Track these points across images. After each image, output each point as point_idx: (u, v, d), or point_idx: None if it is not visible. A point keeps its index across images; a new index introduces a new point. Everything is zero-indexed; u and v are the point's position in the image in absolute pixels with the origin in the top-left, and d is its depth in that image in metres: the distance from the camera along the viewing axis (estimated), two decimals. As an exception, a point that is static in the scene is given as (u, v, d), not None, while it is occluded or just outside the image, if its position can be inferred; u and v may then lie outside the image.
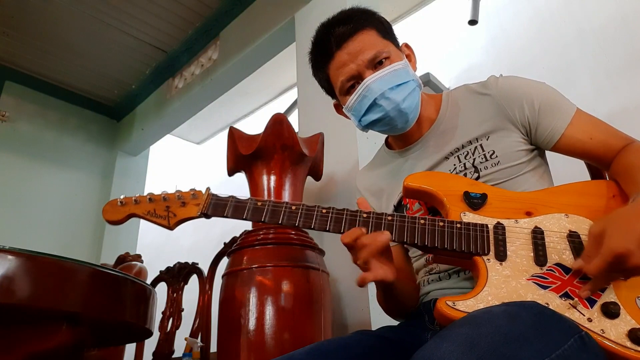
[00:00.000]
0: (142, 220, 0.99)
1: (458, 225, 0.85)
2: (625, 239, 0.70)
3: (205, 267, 1.87)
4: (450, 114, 1.05)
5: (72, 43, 3.21)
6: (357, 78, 1.00)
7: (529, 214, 0.86)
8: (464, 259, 0.85)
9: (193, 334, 1.75)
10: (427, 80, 2.47)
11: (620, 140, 0.93)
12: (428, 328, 0.95)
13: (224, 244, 1.75)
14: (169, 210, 0.97)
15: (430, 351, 0.58)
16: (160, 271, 1.98)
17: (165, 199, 0.98)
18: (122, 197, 0.99)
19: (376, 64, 0.99)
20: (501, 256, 0.81)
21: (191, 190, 0.98)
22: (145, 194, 1.00)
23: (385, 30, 1.03)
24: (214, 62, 3.06)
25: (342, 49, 0.99)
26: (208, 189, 0.98)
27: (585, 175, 1.06)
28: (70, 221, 3.40)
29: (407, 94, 0.98)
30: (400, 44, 1.07)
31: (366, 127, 1.05)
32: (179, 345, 1.74)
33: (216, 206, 0.95)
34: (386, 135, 1.17)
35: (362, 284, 0.85)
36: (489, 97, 1.00)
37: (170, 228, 0.97)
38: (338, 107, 1.13)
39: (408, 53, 1.07)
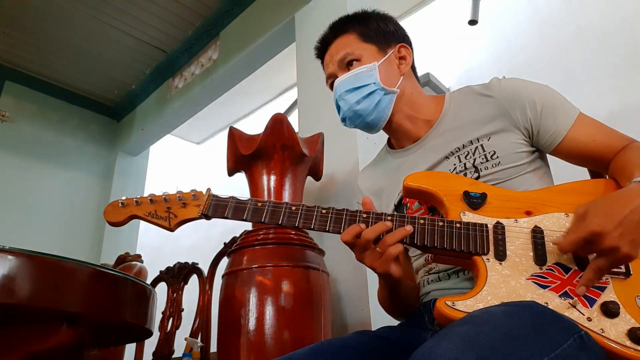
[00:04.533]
0: (142, 220, 0.99)
1: (457, 225, 0.85)
2: (605, 219, 0.72)
3: (205, 267, 1.87)
4: (452, 114, 1.05)
5: (72, 43, 3.22)
6: (334, 77, 1.09)
7: (528, 214, 0.86)
8: (464, 259, 0.85)
9: (193, 334, 1.75)
10: (427, 80, 2.48)
11: (622, 141, 0.93)
12: (428, 328, 0.95)
13: (224, 244, 1.75)
14: (170, 212, 0.97)
15: (430, 349, 0.59)
16: (160, 271, 1.98)
17: (166, 200, 0.97)
18: (123, 198, 0.99)
19: (347, 64, 1.06)
20: (501, 256, 0.81)
21: (192, 191, 0.98)
22: (146, 194, 0.99)
23: (369, 34, 1.07)
24: (214, 62, 3.06)
25: (327, 52, 1.11)
26: (209, 189, 0.98)
27: (586, 176, 1.05)
28: (70, 221, 3.41)
29: (362, 97, 1.03)
30: (394, 46, 1.09)
31: (345, 124, 1.11)
32: (179, 345, 1.75)
33: (216, 207, 0.95)
34: (388, 135, 1.17)
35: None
36: (491, 99, 1.00)
37: (171, 229, 0.97)
38: None
39: (403, 55, 1.09)
